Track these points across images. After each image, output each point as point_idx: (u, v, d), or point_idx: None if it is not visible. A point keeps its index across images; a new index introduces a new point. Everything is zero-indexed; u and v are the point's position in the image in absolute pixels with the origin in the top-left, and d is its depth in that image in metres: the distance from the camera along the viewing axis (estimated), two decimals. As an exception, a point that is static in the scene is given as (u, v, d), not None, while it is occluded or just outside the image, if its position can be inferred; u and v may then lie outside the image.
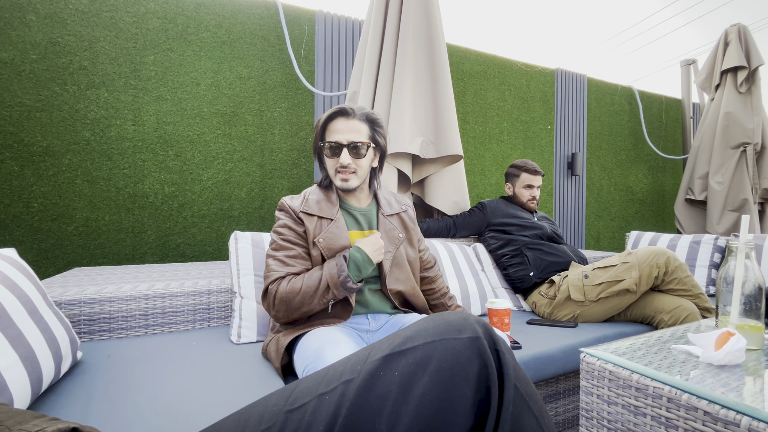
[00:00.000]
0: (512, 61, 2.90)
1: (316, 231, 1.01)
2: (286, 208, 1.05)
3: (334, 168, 1.05)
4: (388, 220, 1.12)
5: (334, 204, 1.06)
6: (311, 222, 1.02)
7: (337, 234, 1.01)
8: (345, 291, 0.93)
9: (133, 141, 1.83)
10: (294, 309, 0.94)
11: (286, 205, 1.05)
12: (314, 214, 1.03)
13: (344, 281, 0.91)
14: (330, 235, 1.01)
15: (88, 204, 1.76)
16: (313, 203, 1.05)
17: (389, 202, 1.17)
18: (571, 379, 1.26)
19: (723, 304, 0.82)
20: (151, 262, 1.87)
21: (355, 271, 0.93)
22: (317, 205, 1.05)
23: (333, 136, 1.03)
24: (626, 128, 3.45)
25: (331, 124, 1.04)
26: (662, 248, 1.43)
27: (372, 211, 1.13)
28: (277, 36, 2.12)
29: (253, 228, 2.07)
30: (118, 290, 1.17)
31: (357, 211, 1.10)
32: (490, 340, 0.41)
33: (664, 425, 0.63)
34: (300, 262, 1.00)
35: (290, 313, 0.94)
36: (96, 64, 1.76)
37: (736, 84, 2.85)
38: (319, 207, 1.04)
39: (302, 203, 1.05)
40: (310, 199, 1.06)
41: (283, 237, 1.02)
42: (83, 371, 0.89)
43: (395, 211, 1.15)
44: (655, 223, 3.68)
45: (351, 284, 0.92)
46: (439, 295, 1.24)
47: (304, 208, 1.03)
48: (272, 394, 0.44)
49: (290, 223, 1.03)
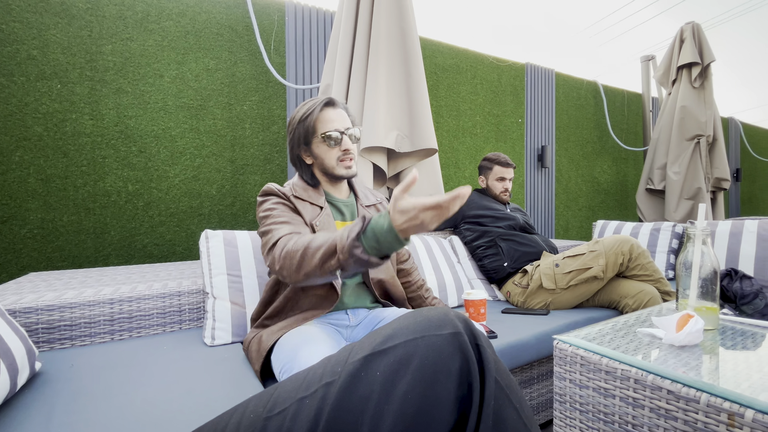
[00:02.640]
0: (484, 55, 2.94)
1: (311, 215, 0.99)
2: (275, 191, 1.00)
3: (335, 158, 1.03)
4: (368, 211, 1.13)
5: (320, 194, 1.05)
6: (304, 207, 1.00)
7: (328, 222, 1.00)
8: (352, 261, 0.69)
9: (91, 136, 1.72)
10: (296, 267, 0.78)
11: (275, 189, 1.01)
12: (305, 199, 1.01)
13: (352, 246, 0.68)
14: (323, 221, 0.99)
15: (43, 204, 1.64)
16: (301, 191, 1.03)
17: (365, 194, 1.18)
18: (545, 364, 1.31)
19: (683, 288, 0.87)
20: (116, 264, 1.78)
21: (372, 240, 0.68)
22: (305, 193, 1.03)
23: (331, 126, 1.02)
24: (591, 121, 3.58)
25: (323, 115, 1.03)
26: (626, 236, 1.50)
27: (352, 202, 1.13)
28: (246, 26, 2.04)
29: (225, 226, 2.01)
30: (79, 295, 1.10)
31: (340, 203, 1.10)
32: (470, 334, 0.41)
33: (632, 405, 0.67)
34: (299, 227, 0.93)
35: (292, 274, 0.79)
36: (46, 54, 1.64)
37: (690, 79, 3.02)
38: (308, 194, 1.03)
39: (291, 189, 1.03)
40: (296, 188, 1.04)
41: (276, 212, 0.95)
42: (43, 383, 0.83)
43: (372, 202, 1.17)
44: (619, 211, 3.87)
45: (360, 252, 0.68)
46: (416, 287, 1.26)
47: (295, 193, 1.01)
48: (250, 399, 0.43)
49: (282, 203, 0.99)
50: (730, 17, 5.28)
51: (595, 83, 3.59)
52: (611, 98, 3.69)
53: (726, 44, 5.30)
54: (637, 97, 3.86)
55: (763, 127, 5.21)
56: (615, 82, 3.70)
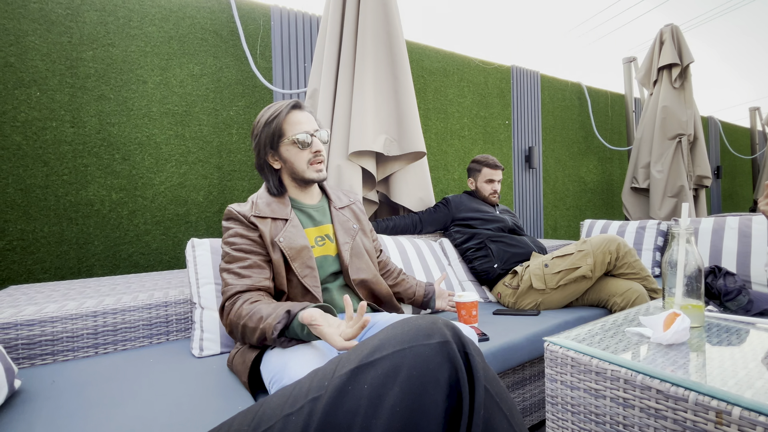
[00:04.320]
0: (470, 58, 2.97)
1: (273, 232, 0.97)
2: (234, 215, 0.99)
3: (306, 160, 1.02)
4: (341, 213, 1.12)
5: (285, 205, 1.03)
6: (265, 225, 0.98)
7: (294, 233, 0.99)
8: (280, 346, 0.82)
9: (72, 144, 1.68)
10: (239, 337, 0.87)
11: (234, 212, 0.99)
12: (266, 216, 0.99)
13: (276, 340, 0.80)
14: (289, 234, 0.98)
15: (23, 215, 1.60)
16: (263, 206, 1.01)
17: (338, 196, 1.17)
18: (537, 365, 1.32)
19: (669, 287, 0.88)
20: (100, 275, 1.74)
21: (293, 333, 0.81)
22: (268, 208, 1.01)
23: (299, 128, 1.01)
24: (577, 122, 3.64)
25: (290, 117, 1.02)
26: (613, 235, 1.52)
27: (324, 206, 1.12)
28: (231, 31, 2.02)
29: (213, 233, 1.98)
30: (61, 308, 1.07)
31: (310, 208, 1.08)
32: (459, 343, 0.41)
33: (623, 405, 0.67)
34: (257, 271, 0.94)
35: (238, 340, 0.89)
36: (24, 61, 1.60)
37: (671, 80, 3.09)
38: (271, 209, 1.01)
39: (251, 208, 1.01)
40: (259, 203, 1.02)
41: (236, 247, 0.95)
42: (23, 401, 0.80)
43: (345, 204, 1.16)
44: (605, 210, 3.93)
45: (286, 342, 0.81)
46: (396, 275, 1.28)
47: (255, 212, 0.99)
48: (235, 416, 0.42)
49: (242, 231, 0.97)
50: (709, 18, 5.45)
51: (579, 85, 3.65)
52: (595, 99, 3.76)
53: (701, 46, 5.46)
54: (620, 97, 3.94)
55: (741, 125, 5.36)
56: (599, 84, 3.78)
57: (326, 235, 1.07)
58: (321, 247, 1.04)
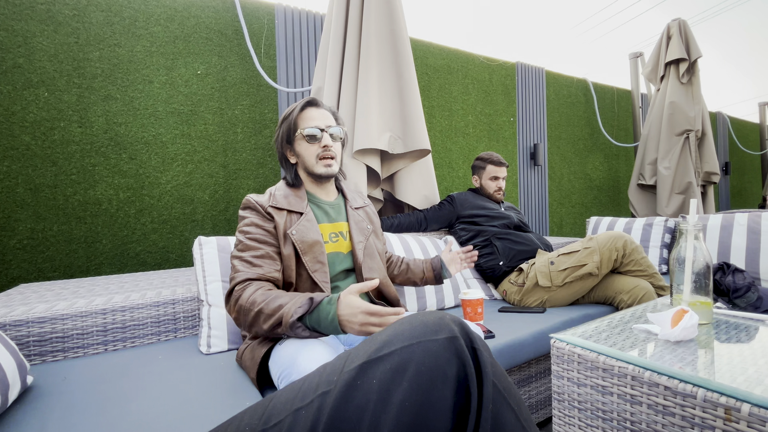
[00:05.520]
0: (474, 55, 2.95)
1: (287, 224, 0.98)
2: (252, 204, 1.00)
3: (315, 155, 1.04)
4: (357, 213, 1.13)
5: (302, 198, 1.04)
6: (281, 216, 0.99)
7: (308, 227, 0.99)
8: (293, 334, 0.80)
9: (80, 144, 1.70)
10: (248, 324, 0.86)
11: (252, 202, 1.00)
12: (283, 208, 1.00)
13: (294, 325, 0.79)
14: (302, 228, 0.98)
15: (33, 214, 1.62)
16: (280, 198, 1.02)
17: (354, 197, 1.18)
18: (543, 362, 1.32)
19: (677, 283, 0.88)
20: (109, 273, 1.76)
21: (314, 322, 0.80)
22: (285, 200, 1.02)
23: (311, 123, 1.03)
24: (582, 119, 3.61)
25: (304, 113, 1.05)
26: (620, 232, 1.51)
27: (340, 204, 1.13)
28: (235, 30, 2.03)
29: (219, 231, 1.99)
30: (71, 306, 1.08)
31: (326, 205, 1.09)
32: (466, 338, 0.41)
33: (630, 402, 0.67)
34: (268, 262, 0.94)
35: (244, 327, 0.87)
36: (32, 62, 1.61)
37: (678, 75, 3.05)
38: (288, 201, 1.02)
39: (269, 199, 1.02)
40: (276, 195, 1.03)
41: (250, 236, 0.96)
42: (35, 397, 0.82)
43: (360, 205, 1.17)
44: (612, 207, 3.90)
45: (301, 331, 0.79)
46: (400, 263, 1.34)
47: (273, 203, 1.00)
48: (245, 410, 0.42)
49: (258, 221, 0.98)
50: (715, 13, 5.38)
51: (585, 81, 3.62)
52: (601, 95, 3.72)
53: (711, 40, 5.40)
54: (626, 93, 3.90)
55: (751, 120, 5.29)
56: (604, 80, 3.74)
57: (340, 233, 1.07)
58: (334, 244, 1.05)
